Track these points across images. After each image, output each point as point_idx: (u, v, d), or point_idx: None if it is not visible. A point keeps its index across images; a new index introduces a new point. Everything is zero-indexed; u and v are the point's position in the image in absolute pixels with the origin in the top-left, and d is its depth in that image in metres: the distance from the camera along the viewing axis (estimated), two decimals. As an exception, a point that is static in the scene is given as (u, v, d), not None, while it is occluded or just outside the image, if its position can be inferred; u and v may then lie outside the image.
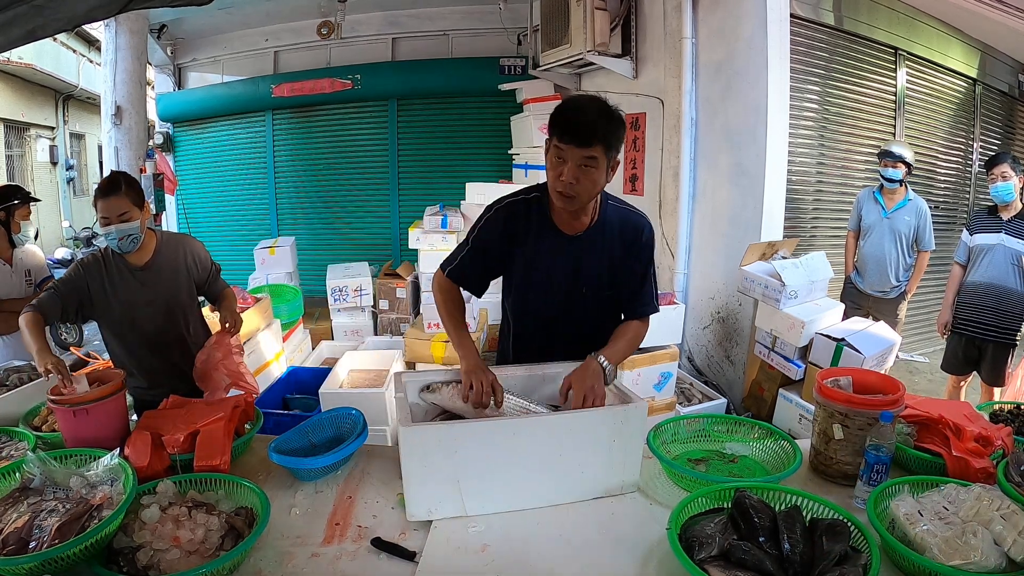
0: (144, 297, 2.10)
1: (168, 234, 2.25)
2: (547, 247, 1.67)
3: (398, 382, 1.60)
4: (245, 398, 1.80)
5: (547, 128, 1.53)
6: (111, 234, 1.97)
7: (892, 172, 3.48)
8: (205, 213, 7.12)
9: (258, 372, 3.58)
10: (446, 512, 1.39)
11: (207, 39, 6.73)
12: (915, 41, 4.55)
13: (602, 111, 1.48)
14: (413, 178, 6.55)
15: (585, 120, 1.46)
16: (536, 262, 1.69)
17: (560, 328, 1.76)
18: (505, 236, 1.68)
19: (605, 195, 1.67)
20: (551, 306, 1.73)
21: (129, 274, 2.09)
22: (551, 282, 1.70)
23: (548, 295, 1.72)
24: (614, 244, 1.68)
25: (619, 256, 1.69)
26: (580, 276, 1.69)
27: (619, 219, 1.69)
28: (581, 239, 1.67)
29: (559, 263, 1.68)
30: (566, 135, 1.47)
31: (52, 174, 10.71)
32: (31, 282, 2.78)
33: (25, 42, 1.99)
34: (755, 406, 3.50)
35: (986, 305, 3.24)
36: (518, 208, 1.68)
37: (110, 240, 1.99)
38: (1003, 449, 1.49)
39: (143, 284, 2.10)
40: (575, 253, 1.67)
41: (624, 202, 1.74)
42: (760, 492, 1.29)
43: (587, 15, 4.25)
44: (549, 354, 1.73)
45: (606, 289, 1.72)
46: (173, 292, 2.17)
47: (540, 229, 1.67)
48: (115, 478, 1.31)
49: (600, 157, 1.48)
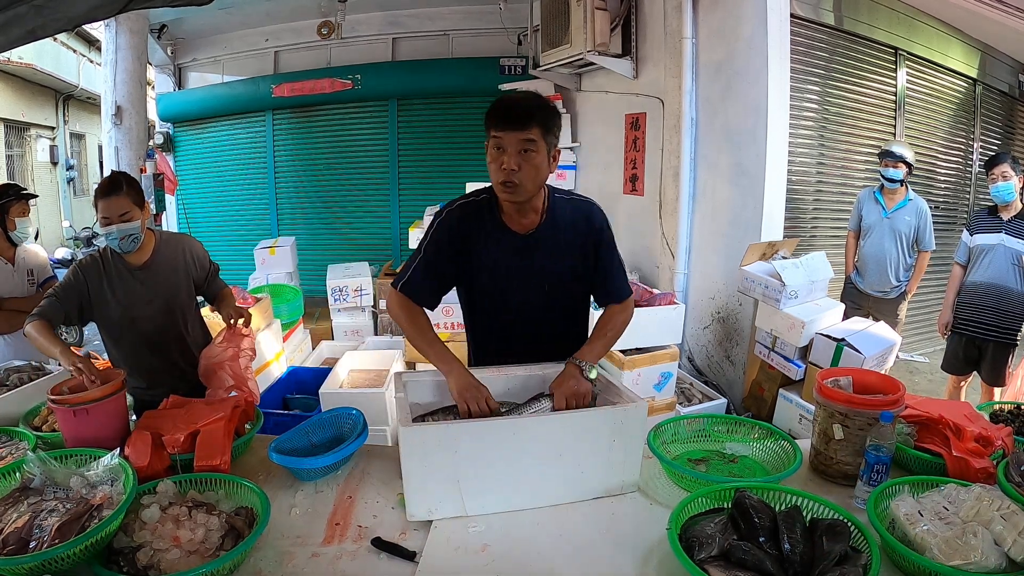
0: (143, 296, 2.11)
1: (167, 234, 2.25)
2: (501, 248, 1.64)
3: (398, 382, 1.61)
4: (245, 398, 1.80)
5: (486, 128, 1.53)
6: (112, 234, 1.98)
7: (893, 172, 3.48)
8: (205, 213, 7.12)
9: (258, 372, 3.57)
10: (446, 512, 1.39)
11: (207, 39, 6.73)
12: (915, 41, 4.55)
13: (536, 98, 1.51)
14: (413, 178, 6.56)
15: (520, 105, 1.48)
16: (490, 264, 1.66)
17: (519, 329, 1.73)
18: (457, 239, 1.64)
19: (552, 189, 1.67)
20: (508, 308, 1.70)
21: (128, 274, 2.09)
22: (508, 283, 1.67)
23: (505, 296, 1.69)
24: (569, 235, 1.66)
25: (578, 246, 1.67)
26: (539, 274, 1.67)
27: (569, 210, 1.67)
28: (534, 236, 1.64)
29: (514, 263, 1.65)
30: (502, 122, 1.48)
31: (52, 174, 10.72)
32: (33, 282, 2.78)
33: (25, 42, 1.99)
34: (755, 406, 3.50)
35: (986, 305, 3.24)
36: (468, 210, 1.65)
37: (111, 240, 2.00)
38: (1003, 449, 1.49)
39: (142, 283, 2.11)
40: (530, 251, 1.65)
41: (570, 192, 1.75)
42: (760, 492, 1.29)
43: (587, 15, 4.25)
44: (507, 356, 1.72)
45: (570, 283, 1.71)
46: (172, 291, 2.17)
47: (492, 230, 1.64)
48: (115, 478, 1.31)
49: (539, 141, 1.48)
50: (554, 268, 1.67)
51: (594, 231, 1.68)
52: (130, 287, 2.09)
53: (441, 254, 1.65)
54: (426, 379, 1.68)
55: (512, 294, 1.69)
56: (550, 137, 1.51)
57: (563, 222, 1.66)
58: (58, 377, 2.06)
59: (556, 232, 1.65)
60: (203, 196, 7.12)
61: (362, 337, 4.71)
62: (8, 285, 2.69)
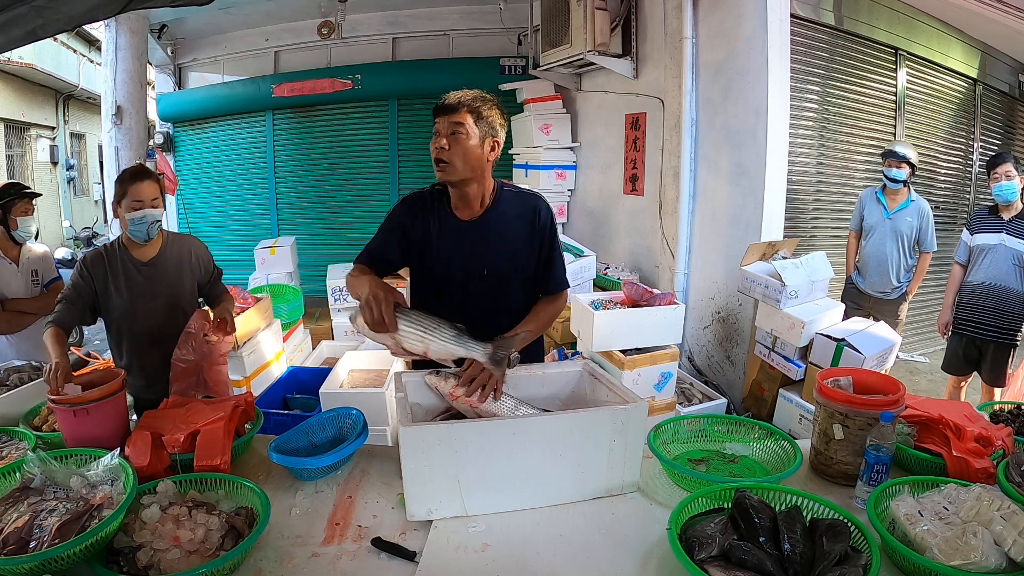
0: (148, 292, 2.12)
1: (175, 234, 2.28)
2: (445, 232, 1.76)
3: (398, 382, 1.61)
4: (245, 398, 1.80)
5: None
6: (144, 218, 2.01)
7: (896, 172, 3.47)
8: (205, 213, 7.12)
9: (258, 372, 3.58)
10: (446, 512, 1.39)
11: (207, 39, 6.73)
12: (915, 41, 4.55)
13: (474, 91, 1.67)
14: (413, 178, 6.55)
15: (454, 95, 1.65)
16: (434, 246, 1.76)
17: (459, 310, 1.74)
18: (411, 215, 1.77)
19: (500, 183, 1.80)
20: (450, 291, 1.79)
21: (134, 269, 2.11)
22: (449, 266, 1.77)
23: (447, 279, 1.78)
24: (513, 226, 1.77)
25: (522, 237, 1.78)
26: (478, 259, 1.76)
27: (515, 202, 1.79)
28: (477, 223, 1.75)
29: (457, 247, 1.76)
30: (438, 110, 1.65)
31: (52, 174, 10.72)
32: (37, 282, 2.78)
33: (25, 42, 1.99)
34: (755, 406, 3.50)
35: (987, 305, 3.24)
36: (423, 197, 1.79)
37: (139, 226, 2.02)
38: (1003, 449, 1.49)
39: (147, 279, 2.12)
40: (472, 238, 1.75)
41: (520, 187, 1.87)
42: (760, 492, 1.29)
43: (587, 15, 4.25)
44: None
45: (509, 271, 1.79)
46: (176, 289, 2.19)
47: (439, 215, 1.77)
48: (115, 478, 1.31)
49: (468, 125, 1.63)
50: (496, 255, 1.76)
51: (540, 224, 1.79)
52: (135, 282, 2.11)
53: (390, 231, 1.78)
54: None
55: (451, 278, 1.78)
56: (483, 124, 1.65)
57: (510, 212, 1.77)
58: (58, 377, 2.06)
59: (500, 221, 1.76)
60: (203, 196, 7.12)
61: (362, 337, 4.70)
62: (12, 284, 2.69)
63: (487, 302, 1.78)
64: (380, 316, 1.50)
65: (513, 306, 1.81)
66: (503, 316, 1.77)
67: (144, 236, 2.06)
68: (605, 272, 4.49)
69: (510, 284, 1.80)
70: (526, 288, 1.84)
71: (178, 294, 2.19)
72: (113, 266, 2.09)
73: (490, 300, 1.78)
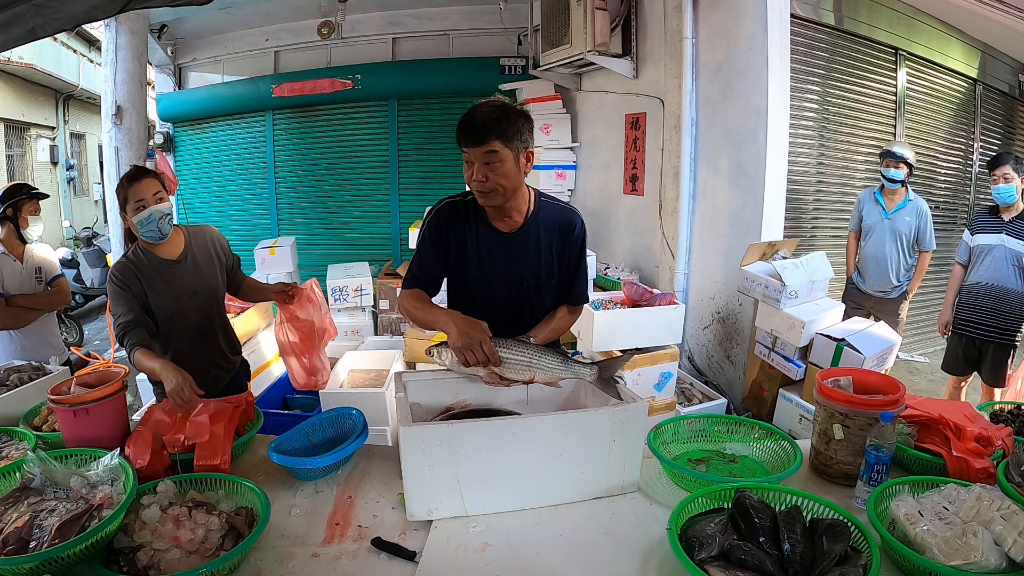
0: (188, 288, 2.08)
1: (191, 226, 2.23)
2: (485, 244, 1.75)
3: (398, 382, 1.61)
4: (245, 398, 1.80)
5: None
6: (151, 216, 1.94)
7: (894, 172, 3.48)
8: (205, 213, 7.11)
9: (258, 372, 3.58)
10: (446, 512, 1.39)
11: (207, 39, 6.72)
12: (915, 41, 4.55)
13: (494, 108, 1.57)
14: (413, 178, 6.55)
15: (475, 120, 1.56)
16: (475, 258, 1.76)
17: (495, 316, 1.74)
18: (448, 230, 1.75)
19: (539, 193, 1.78)
20: (491, 300, 1.78)
21: (167, 269, 2.05)
22: (490, 277, 1.77)
23: (487, 289, 1.78)
24: (551, 237, 1.76)
25: (557, 248, 1.78)
26: (519, 270, 1.76)
27: (553, 215, 1.77)
28: (517, 235, 1.74)
29: (497, 258, 1.75)
30: (463, 139, 1.58)
31: (52, 174, 10.71)
32: (41, 279, 2.82)
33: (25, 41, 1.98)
34: (755, 406, 3.50)
35: (986, 306, 3.24)
36: (456, 207, 1.76)
37: (149, 225, 1.95)
38: (1003, 449, 1.49)
39: (182, 277, 2.07)
40: (511, 248, 1.75)
41: (556, 199, 1.84)
42: (760, 492, 1.29)
43: (587, 15, 4.25)
44: None
45: (546, 279, 1.80)
46: (212, 280, 2.17)
47: (477, 226, 1.75)
48: (115, 478, 1.31)
49: (501, 150, 1.56)
50: (535, 266, 1.76)
51: (574, 238, 1.79)
52: (172, 281, 2.05)
53: (435, 249, 1.77)
54: (426, 379, 1.68)
55: (492, 288, 1.78)
56: (514, 143, 1.58)
57: (547, 224, 1.76)
58: (58, 377, 2.07)
59: (539, 233, 1.75)
60: (203, 196, 7.11)
61: (362, 337, 4.71)
62: (17, 281, 2.73)
63: (525, 310, 1.81)
64: (485, 357, 1.52)
65: (543, 312, 1.84)
66: (536, 321, 1.81)
67: (157, 234, 1.98)
68: (605, 272, 4.49)
69: (545, 291, 1.82)
70: (556, 295, 1.85)
71: (214, 282, 2.17)
72: (143, 272, 2.00)
73: (528, 307, 1.82)
